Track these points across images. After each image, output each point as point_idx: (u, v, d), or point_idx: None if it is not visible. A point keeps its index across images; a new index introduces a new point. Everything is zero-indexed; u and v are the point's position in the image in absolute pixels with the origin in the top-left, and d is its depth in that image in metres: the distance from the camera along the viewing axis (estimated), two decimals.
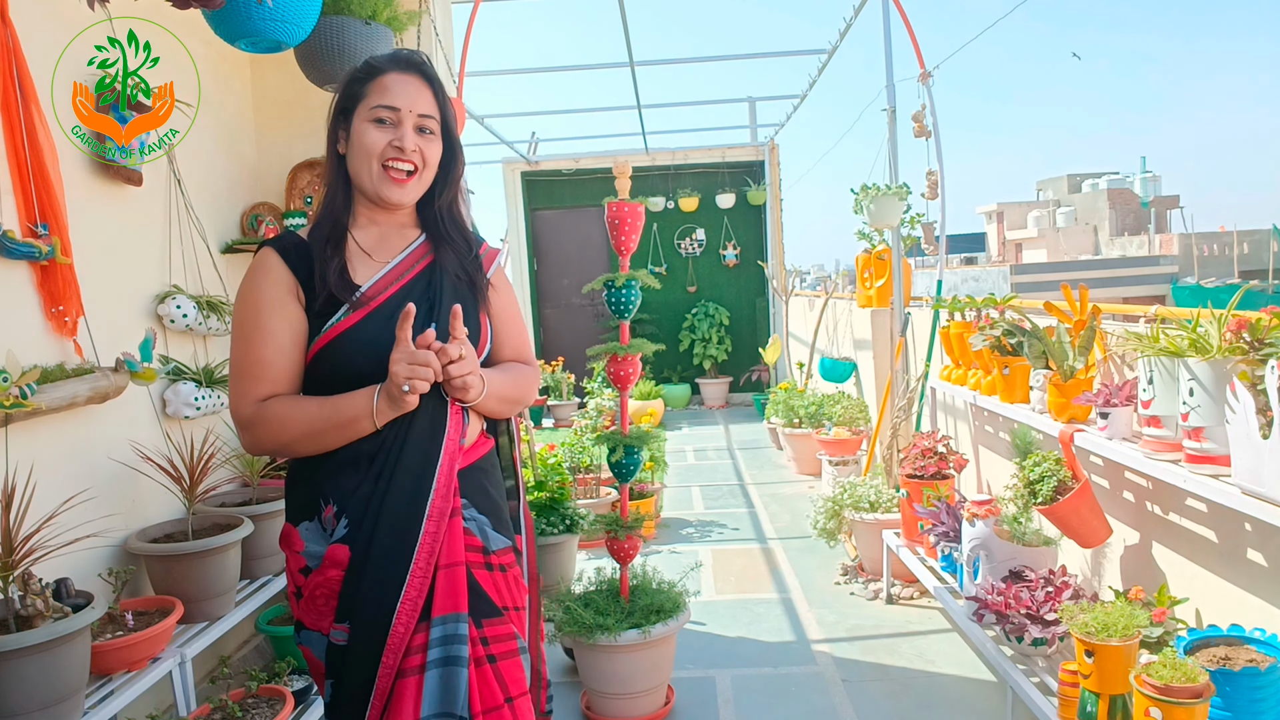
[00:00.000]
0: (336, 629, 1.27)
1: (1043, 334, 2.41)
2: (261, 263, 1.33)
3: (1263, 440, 1.47)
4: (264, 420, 1.28)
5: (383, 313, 1.32)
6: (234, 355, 1.32)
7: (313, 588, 1.30)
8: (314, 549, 1.31)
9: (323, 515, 1.31)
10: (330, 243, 1.34)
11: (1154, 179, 43.02)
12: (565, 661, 2.92)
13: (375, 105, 1.32)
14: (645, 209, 2.50)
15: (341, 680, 1.28)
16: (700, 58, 6.52)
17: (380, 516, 1.27)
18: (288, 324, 1.30)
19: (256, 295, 1.31)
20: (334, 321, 1.30)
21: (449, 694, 1.25)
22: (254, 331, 1.30)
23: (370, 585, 1.25)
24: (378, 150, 1.32)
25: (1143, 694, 1.57)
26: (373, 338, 1.29)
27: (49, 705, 1.57)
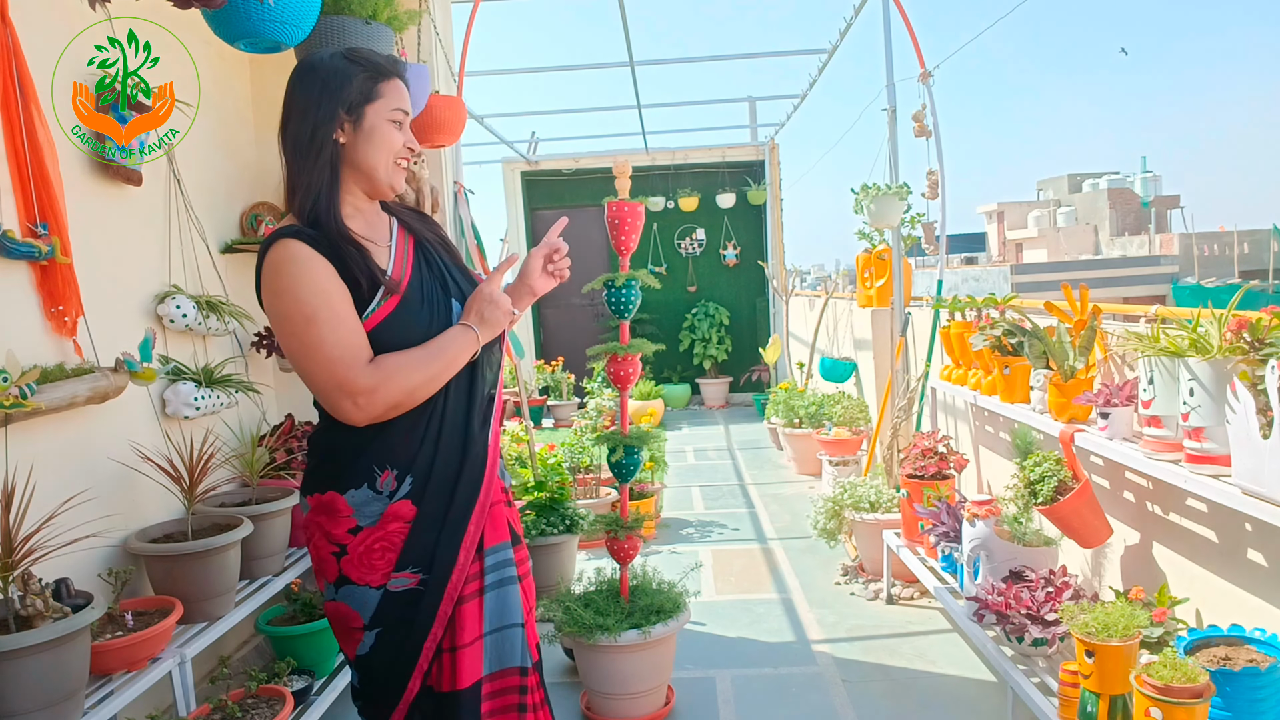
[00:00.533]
0: (396, 577, 1.43)
1: (1043, 334, 2.41)
2: (301, 253, 1.37)
3: (1263, 440, 1.47)
4: (388, 377, 1.37)
5: (411, 296, 1.45)
6: (317, 336, 1.35)
7: (369, 543, 1.42)
8: (368, 510, 1.42)
9: (378, 480, 1.43)
10: (339, 235, 1.41)
11: (1154, 179, 43.03)
12: (565, 662, 2.92)
13: (395, 108, 1.45)
14: (645, 209, 2.50)
15: (397, 622, 1.43)
16: (700, 57, 6.52)
17: (439, 474, 1.45)
18: (350, 305, 1.39)
19: (316, 278, 1.36)
20: (374, 308, 1.40)
21: (508, 609, 1.52)
22: (332, 307, 1.36)
23: (441, 532, 1.45)
24: (398, 148, 1.46)
25: (1143, 694, 1.57)
26: (413, 318, 1.43)
27: (49, 705, 1.57)
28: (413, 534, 1.43)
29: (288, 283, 1.36)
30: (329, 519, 1.44)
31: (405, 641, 1.43)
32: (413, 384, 1.38)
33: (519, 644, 1.53)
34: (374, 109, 1.42)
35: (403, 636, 1.43)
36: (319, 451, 1.49)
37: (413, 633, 1.43)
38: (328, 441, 1.47)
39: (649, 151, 8.43)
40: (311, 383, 1.38)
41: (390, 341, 1.39)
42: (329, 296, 1.35)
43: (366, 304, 1.39)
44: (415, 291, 1.45)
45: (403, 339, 1.40)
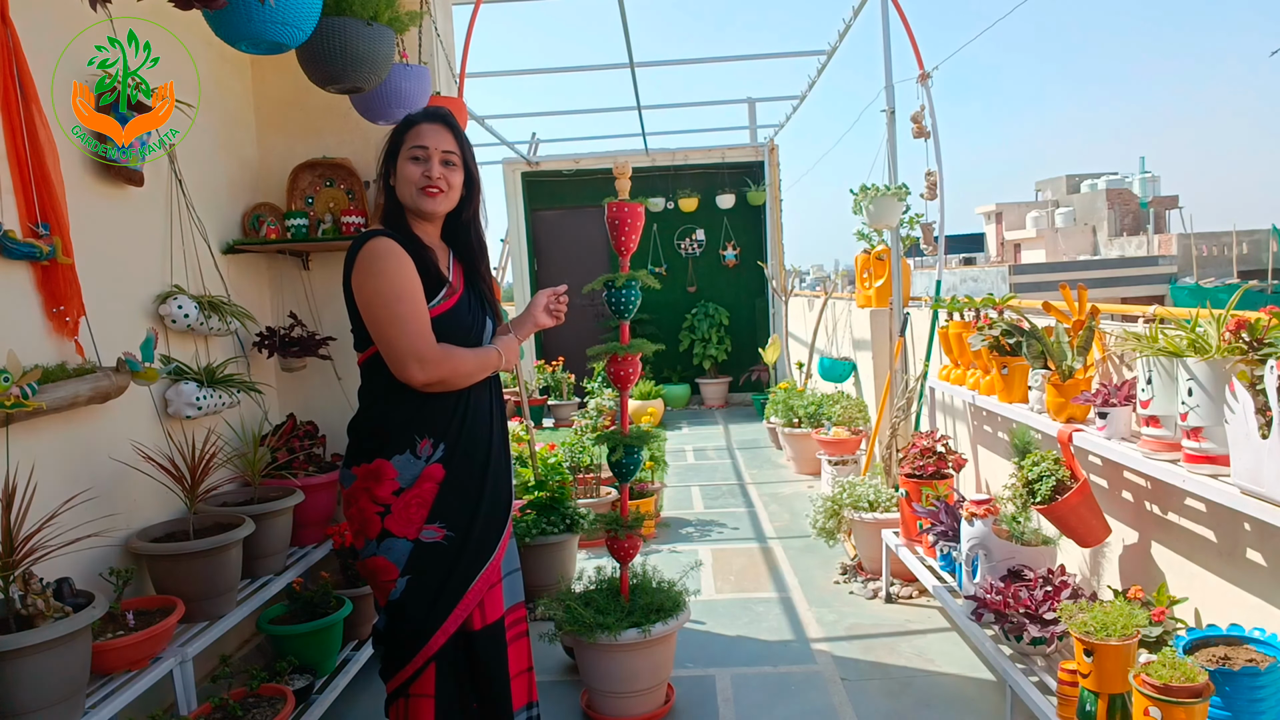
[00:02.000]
0: (427, 529, 1.79)
1: (1041, 334, 2.42)
2: (391, 247, 1.76)
3: (1262, 440, 1.47)
4: (448, 356, 1.77)
5: (464, 300, 1.88)
6: (401, 311, 1.73)
7: (407, 500, 1.78)
8: (408, 473, 1.78)
9: (419, 446, 1.79)
10: (418, 240, 1.84)
11: (1153, 179, 43.05)
12: (565, 660, 2.92)
13: (412, 146, 1.83)
14: (645, 209, 2.50)
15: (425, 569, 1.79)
16: (700, 59, 6.53)
17: (465, 444, 1.83)
18: (419, 290, 1.77)
19: (404, 270, 1.75)
20: (437, 302, 1.81)
21: (512, 556, 1.98)
22: (414, 290, 1.75)
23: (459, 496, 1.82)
24: (415, 177, 1.82)
25: (1142, 693, 1.57)
26: (462, 316, 1.86)
27: (50, 705, 1.58)
28: (441, 493, 1.79)
29: (383, 265, 1.74)
30: (376, 484, 1.78)
31: (441, 587, 1.79)
32: (462, 370, 1.79)
33: (520, 582, 1.99)
34: (402, 154, 1.84)
35: (432, 582, 1.79)
36: (366, 428, 1.83)
37: (452, 579, 1.80)
38: (380, 414, 1.81)
39: (649, 152, 8.44)
40: (392, 348, 1.74)
41: (442, 331, 1.78)
42: (413, 282, 1.75)
43: (430, 298, 1.79)
44: (465, 300, 1.88)
45: (452, 332, 1.80)
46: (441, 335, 1.78)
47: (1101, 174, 43.08)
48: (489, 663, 1.85)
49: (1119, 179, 42.27)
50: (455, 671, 1.83)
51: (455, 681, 1.82)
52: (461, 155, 1.87)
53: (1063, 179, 43.96)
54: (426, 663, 1.79)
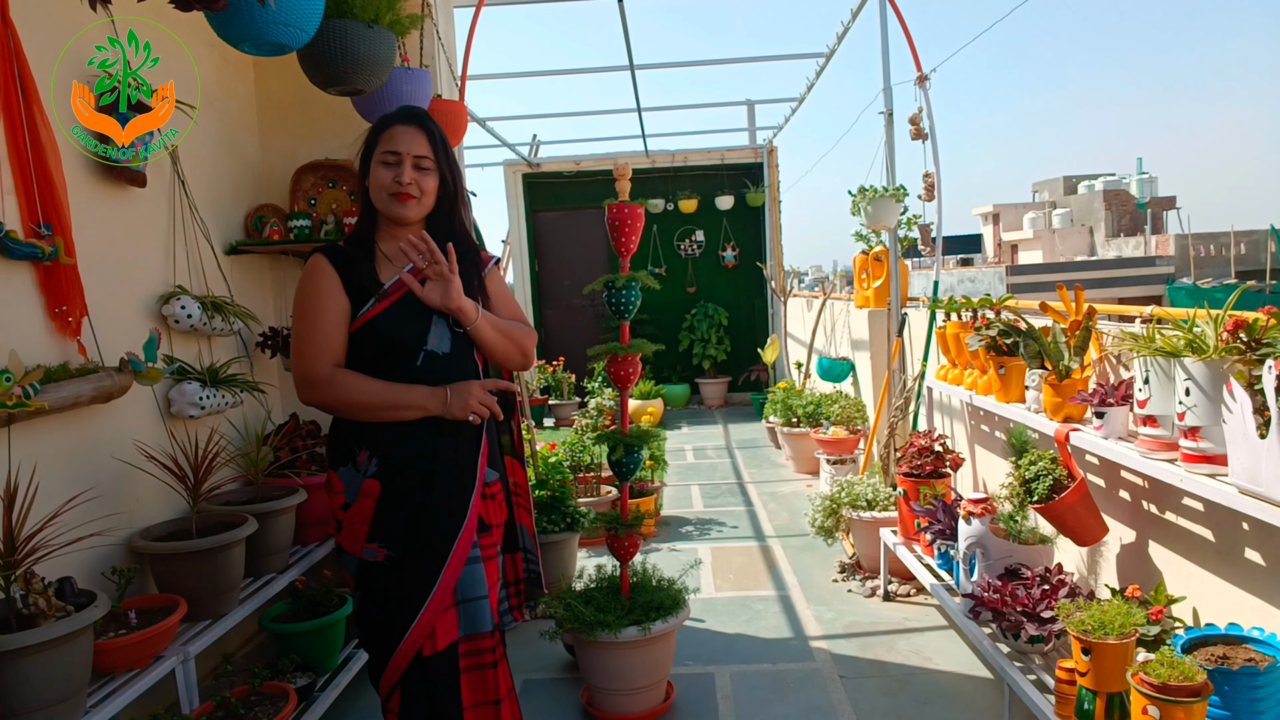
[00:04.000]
0: (367, 547, 1.73)
1: (1038, 334, 2.43)
2: (316, 263, 1.76)
3: (1259, 440, 1.48)
4: (336, 382, 1.70)
5: (398, 305, 1.75)
6: (301, 330, 1.72)
7: (352, 515, 1.74)
8: (351, 486, 1.74)
9: (358, 458, 1.74)
10: (361, 250, 1.79)
11: (1150, 180, 43.10)
12: (566, 658, 2.93)
13: (384, 150, 1.76)
14: (645, 211, 2.51)
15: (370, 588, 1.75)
16: (700, 61, 6.55)
17: (400, 462, 1.73)
18: (340, 306, 1.73)
19: (316, 285, 1.73)
20: (367, 309, 1.74)
21: (475, 583, 1.80)
22: (318, 311, 1.71)
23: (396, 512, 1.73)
24: (385, 183, 1.75)
25: (1140, 692, 1.58)
26: (392, 322, 1.74)
27: (51, 704, 1.58)
28: (378, 510, 1.73)
29: (301, 284, 1.76)
30: (331, 495, 1.78)
31: (391, 610, 1.73)
32: (354, 400, 1.71)
33: (485, 612, 1.83)
34: (375, 158, 1.77)
35: (381, 603, 1.74)
36: (330, 437, 1.83)
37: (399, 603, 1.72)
38: (333, 424, 1.82)
39: (649, 154, 8.44)
40: (292, 365, 1.75)
41: (368, 338, 1.73)
42: (321, 297, 1.71)
43: (357, 309, 1.73)
44: (402, 304, 1.75)
45: (372, 341, 1.73)
46: (362, 345, 1.73)
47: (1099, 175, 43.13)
48: (440, 694, 1.76)
49: (1116, 180, 42.31)
50: (420, 696, 1.76)
51: (420, 706, 1.76)
52: (435, 159, 1.78)
53: (1060, 180, 44.00)
54: (393, 687, 1.76)
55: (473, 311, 1.76)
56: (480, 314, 1.77)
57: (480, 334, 1.79)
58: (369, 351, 1.73)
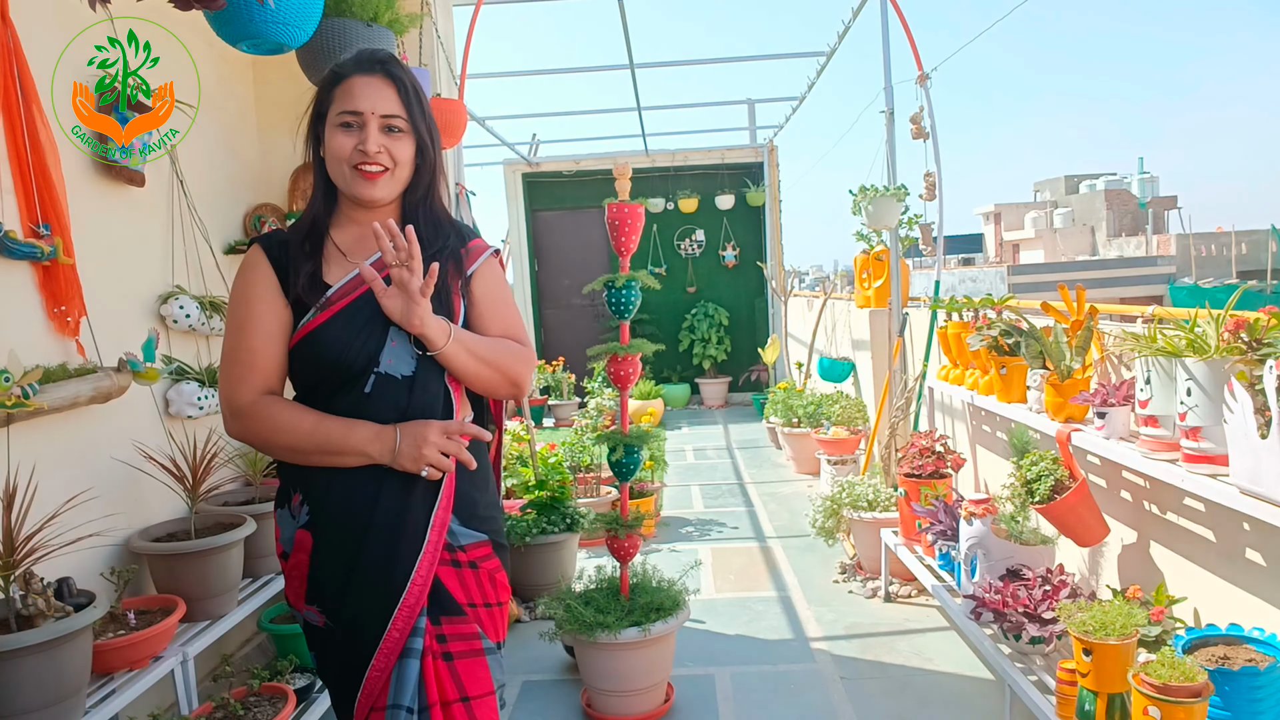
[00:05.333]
0: (308, 609, 1.39)
1: (1040, 334, 2.42)
2: (250, 259, 1.40)
3: (1261, 440, 1.47)
4: (259, 415, 1.34)
5: (345, 314, 1.34)
6: (226, 345, 1.39)
7: (290, 569, 1.41)
8: (287, 534, 1.41)
9: (292, 501, 1.39)
10: (308, 243, 1.39)
11: (1151, 180, 43.09)
12: (566, 659, 2.92)
13: (341, 110, 1.35)
14: (645, 210, 2.51)
15: (320, 654, 1.42)
16: (700, 60, 6.54)
17: (332, 513, 1.35)
18: (274, 315, 1.36)
19: (246, 288, 1.38)
20: (306, 320, 1.35)
21: (399, 685, 1.32)
22: (245, 321, 1.36)
23: (330, 570, 1.35)
24: (345, 154, 1.35)
25: (1141, 693, 1.58)
26: (335, 337, 1.33)
27: (51, 704, 1.58)
28: (312, 568, 1.36)
29: (234, 286, 1.41)
30: (275, 538, 1.45)
31: (338, 682, 1.39)
32: (274, 441, 1.34)
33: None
34: (328, 118, 1.37)
35: (331, 673, 1.40)
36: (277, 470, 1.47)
37: (343, 677, 1.37)
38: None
39: (649, 153, 8.44)
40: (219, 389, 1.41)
41: (306, 356, 1.34)
42: (251, 304, 1.36)
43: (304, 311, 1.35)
44: (351, 312, 1.34)
45: (312, 360, 1.34)
46: (301, 364, 1.35)
47: (1100, 174, 43.13)
48: None
49: (1117, 179, 42.31)
50: None
51: None
52: (409, 118, 1.37)
53: (1061, 179, 43.99)
54: None
55: (440, 336, 1.32)
56: (451, 338, 1.33)
57: (450, 361, 1.35)
58: (308, 373, 1.36)
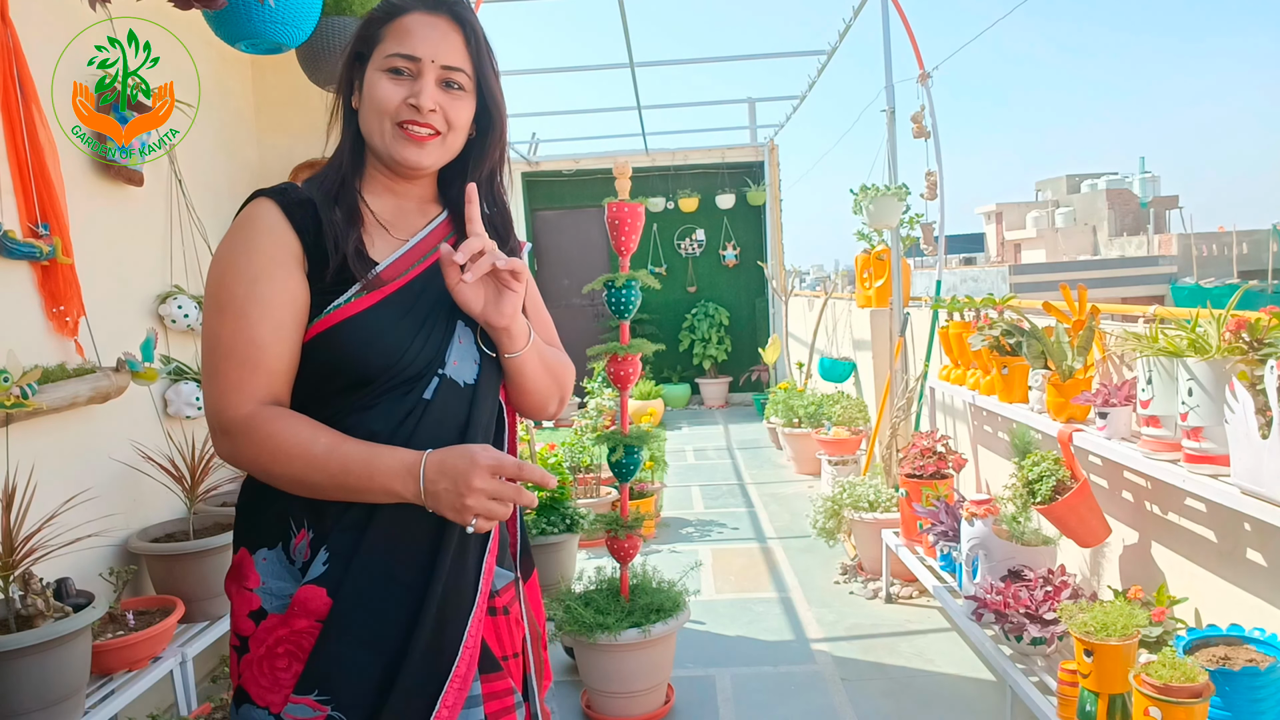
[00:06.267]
0: (296, 703, 0.98)
1: (1041, 334, 2.42)
2: (258, 218, 1.04)
3: (1262, 440, 1.47)
4: (260, 433, 0.99)
5: (400, 300, 1.07)
6: (215, 336, 1.01)
7: (271, 642, 1.01)
8: (275, 586, 1.03)
9: (291, 543, 1.03)
10: (342, 205, 1.08)
11: (1153, 179, 43.09)
12: (566, 660, 2.92)
13: (391, 53, 1.07)
14: (645, 209, 2.50)
15: None
16: (700, 59, 6.53)
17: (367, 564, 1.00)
18: (290, 297, 1.02)
19: (251, 257, 1.02)
20: (342, 302, 1.04)
21: None
22: (248, 303, 1.00)
23: (357, 649, 0.99)
24: (391, 107, 1.06)
25: (1142, 693, 1.57)
26: (386, 329, 1.04)
27: (50, 705, 1.58)
28: (323, 642, 0.99)
29: (225, 253, 1.04)
30: (238, 591, 1.06)
31: None
32: (279, 469, 0.99)
33: None
34: (373, 60, 1.09)
35: None
36: (245, 483, 1.11)
37: None
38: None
39: (649, 152, 8.44)
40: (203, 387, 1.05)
41: (354, 344, 1.03)
42: (259, 281, 1.00)
43: (325, 301, 1.04)
44: (408, 297, 1.07)
45: (369, 346, 1.03)
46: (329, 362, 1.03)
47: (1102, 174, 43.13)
48: None
49: (1119, 179, 42.32)
50: None
51: None
52: (476, 76, 1.10)
53: (1063, 179, 44.00)
54: None
55: (523, 334, 1.11)
56: (531, 339, 1.14)
57: (523, 367, 1.13)
58: (344, 367, 1.03)
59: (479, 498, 0.95)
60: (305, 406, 1.04)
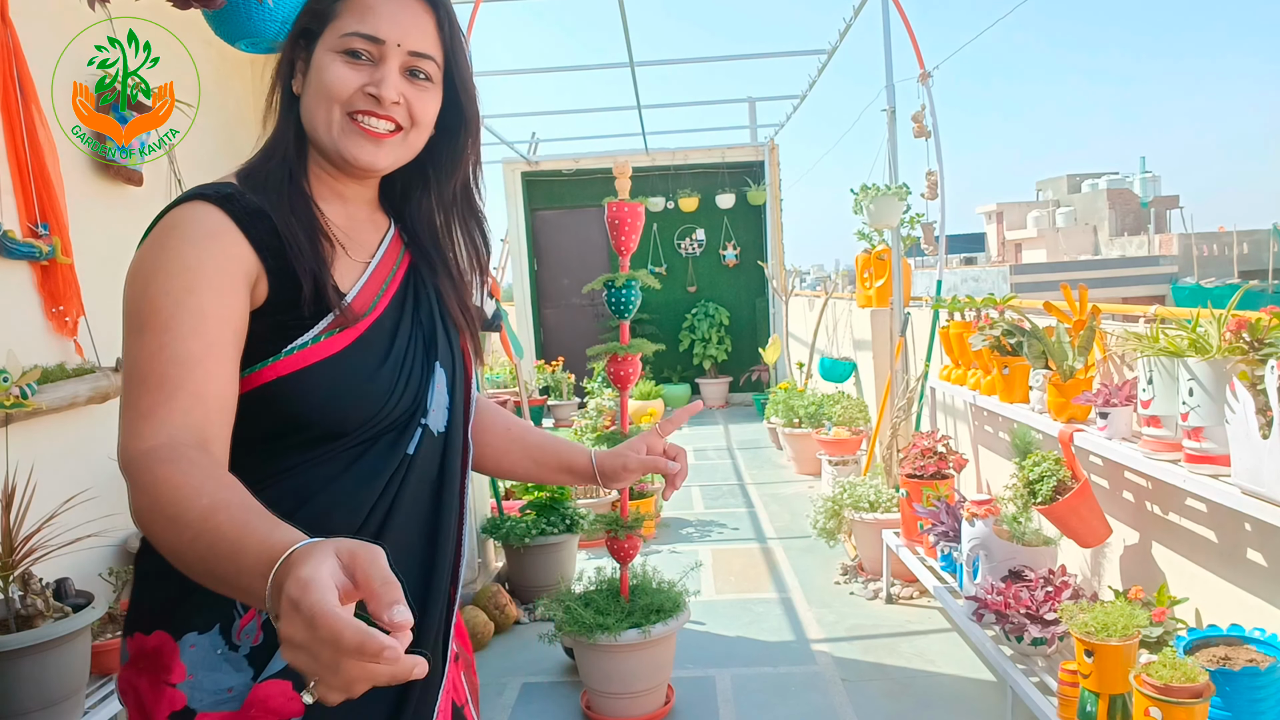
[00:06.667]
0: None
1: (1042, 334, 2.42)
2: (196, 221, 0.83)
3: (1262, 440, 1.47)
4: (145, 478, 0.71)
5: (376, 337, 0.90)
6: (132, 361, 0.78)
7: None
8: (209, 679, 0.82)
9: (236, 623, 0.83)
10: (299, 218, 0.89)
11: (1153, 179, 43.11)
12: (565, 661, 2.92)
13: (350, 32, 0.89)
14: (645, 209, 2.50)
15: None
16: (700, 58, 6.53)
17: None
18: (232, 314, 0.81)
19: (187, 265, 0.80)
20: (309, 341, 0.85)
21: None
22: (175, 317, 0.78)
23: None
24: (344, 94, 0.89)
25: (1142, 694, 1.57)
26: (366, 373, 0.88)
27: (49, 705, 1.58)
28: None
29: (153, 259, 0.82)
30: (150, 685, 0.83)
31: None
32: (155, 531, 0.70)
33: None
34: (324, 38, 0.90)
35: None
36: (147, 551, 0.87)
37: None
38: None
39: (649, 152, 8.43)
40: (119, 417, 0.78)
41: (325, 394, 0.85)
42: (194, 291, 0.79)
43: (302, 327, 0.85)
44: (382, 334, 0.91)
45: (343, 398, 0.86)
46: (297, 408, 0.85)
47: (1102, 174, 43.15)
48: None
49: (1120, 179, 42.34)
50: None
51: None
52: (447, 66, 0.94)
53: (1064, 179, 44.01)
54: None
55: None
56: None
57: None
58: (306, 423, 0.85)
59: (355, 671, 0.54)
60: (255, 465, 0.82)
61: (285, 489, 0.85)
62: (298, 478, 0.86)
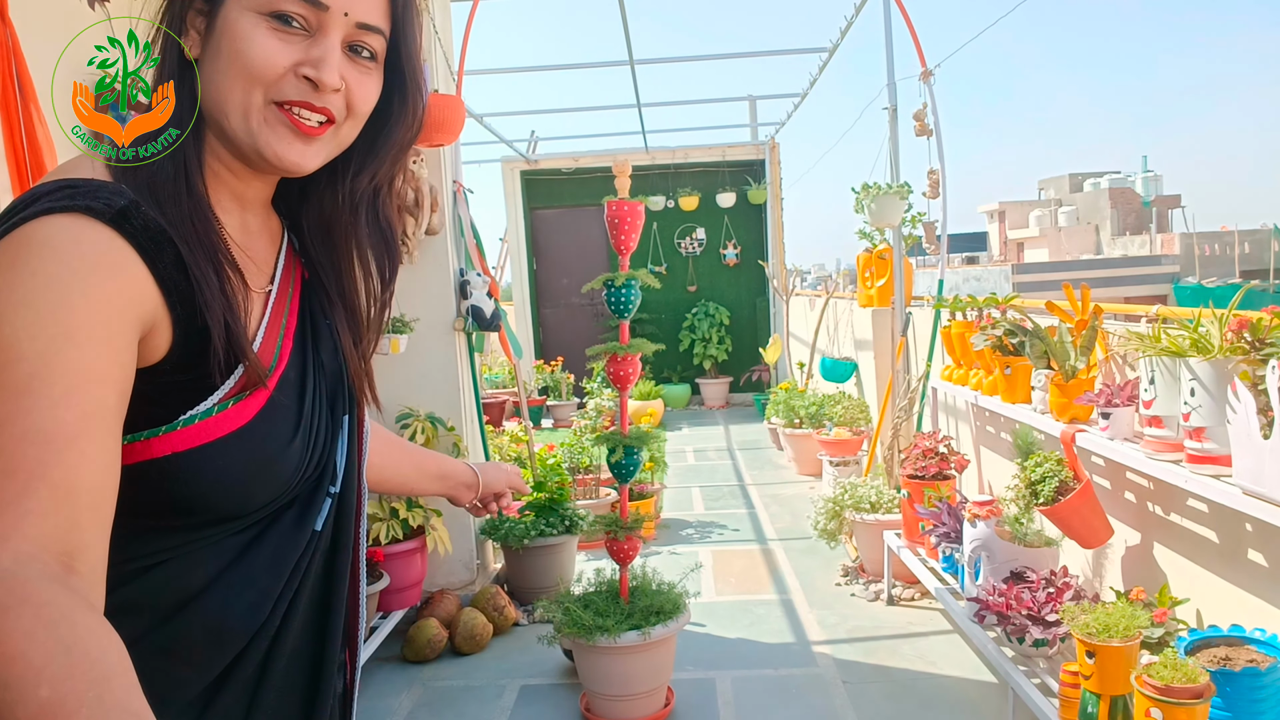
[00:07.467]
0: None
1: (1044, 334, 2.41)
2: (88, 244, 0.62)
3: (1264, 440, 1.46)
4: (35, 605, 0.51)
5: (284, 396, 0.73)
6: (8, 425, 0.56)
7: None
8: None
9: None
10: (205, 241, 0.69)
11: (1155, 178, 43.08)
12: (565, 663, 2.91)
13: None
14: (645, 208, 2.50)
15: None
16: (701, 56, 6.52)
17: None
18: (121, 374, 0.61)
19: (68, 301, 0.59)
20: (212, 409, 0.67)
21: None
22: (45, 374, 0.57)
23: None
24: (269, 75, 0.69)
25: (1143, 695, 1.57)
26: (277, 449, 0.72)
27: None
28: None
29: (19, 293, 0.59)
30: None
31: None
32: (19, 688, 0.48)
33: None
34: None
35: None
36: None
37: None
38: None
39: (649, 150, 8.43)
40: None
41: (227, 474, 0.67)
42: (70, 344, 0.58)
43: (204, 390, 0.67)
44: (288, 390, 0.74)
45: (252, 477, 0.70)
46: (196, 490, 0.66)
47: (1104, 173, 43.13)
48: None
49: (1122, 178, 42.33)
50: None
51: None
52: (394, 44, 0.75)
53: (1065, 178, 43.99)
54: None
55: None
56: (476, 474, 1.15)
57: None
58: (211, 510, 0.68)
59: None
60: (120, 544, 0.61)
61: (159, 580, 0.67)
62: (177, 565, 0.67)
